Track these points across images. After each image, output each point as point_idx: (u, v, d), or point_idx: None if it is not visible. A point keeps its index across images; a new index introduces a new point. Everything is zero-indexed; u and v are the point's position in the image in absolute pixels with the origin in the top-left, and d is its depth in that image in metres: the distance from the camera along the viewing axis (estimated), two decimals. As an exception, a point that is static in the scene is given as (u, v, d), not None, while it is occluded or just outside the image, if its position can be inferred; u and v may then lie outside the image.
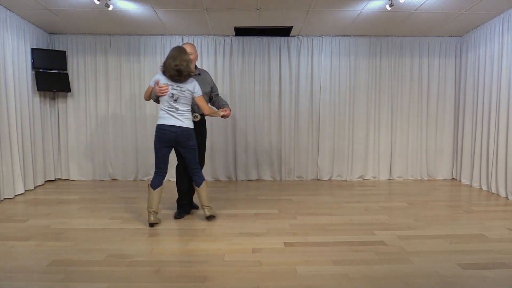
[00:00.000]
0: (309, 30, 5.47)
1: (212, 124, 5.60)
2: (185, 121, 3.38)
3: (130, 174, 5.79)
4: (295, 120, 5.81)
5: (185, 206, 3.81)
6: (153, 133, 5.67)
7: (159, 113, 3.41)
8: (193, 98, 3.42)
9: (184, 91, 3.34)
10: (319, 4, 4.35)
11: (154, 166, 5.71)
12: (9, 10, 4.50)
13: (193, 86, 3.38)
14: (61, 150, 5.74)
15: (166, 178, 5.68)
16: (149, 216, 3.40)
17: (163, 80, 3.33)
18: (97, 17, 4.78)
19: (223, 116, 3.65)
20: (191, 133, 3.41)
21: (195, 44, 5.67)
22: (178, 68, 3.24)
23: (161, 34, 5.64)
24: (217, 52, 5.66)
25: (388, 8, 4.30)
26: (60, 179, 5.78)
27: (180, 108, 3.36)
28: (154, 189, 3.41)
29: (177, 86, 3.33)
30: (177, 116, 3.36)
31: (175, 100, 3.33)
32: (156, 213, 3.42)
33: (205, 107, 3.49)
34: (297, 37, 5.72)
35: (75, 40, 5.60)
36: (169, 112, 3.36)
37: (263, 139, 5.80)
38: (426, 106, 5.83)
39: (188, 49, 3.54)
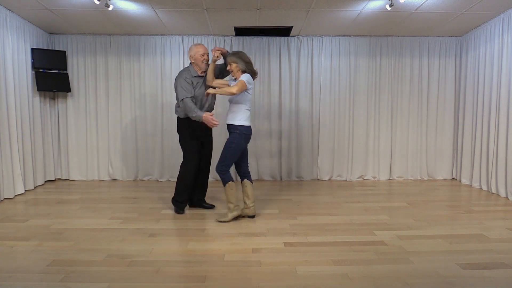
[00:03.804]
0: (309, 30, 5.47)
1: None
2: None
3: (130, 174, 5.79)
4: (295, 120, 5.81)
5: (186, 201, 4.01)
6: (153, 133, 5.71)
7: (245, 113, 3.48)
8: None
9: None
10: (319, 4, 4.35)
11: (153, 166, 5.76)
12: (9, 10, 4.50)
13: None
14: (61, 150, 5.74)
15: (166, 178, 5.73)
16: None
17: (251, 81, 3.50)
18: (97, 17, 4.78)
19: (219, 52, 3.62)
20: None
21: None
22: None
23: (161, 34, 5.64)
24: (217, 52, 5.66)
25: (388, 8, 4.30)
26: (60, 179, 5.78)
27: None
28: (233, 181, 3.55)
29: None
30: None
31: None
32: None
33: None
34: (297, 37, 5.72)
35: (75, 40, 5.60)
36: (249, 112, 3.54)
37: (263, 139, 5.80)
38: (426, 106, 5.83)
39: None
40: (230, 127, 3.47)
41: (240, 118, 3.43)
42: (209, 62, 3.66)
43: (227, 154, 3.45)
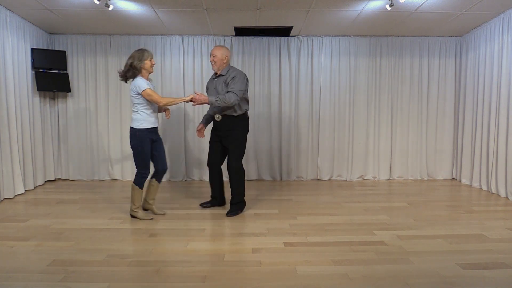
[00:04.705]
0: (309, 30, 5.47)
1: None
2: (132, 121, 3.53)
3: (130, 174, 5.79)
4: (295, 120, 5.81)
5: (216, 198, 4.10)
6: (153, 133, 5.71)
7: None
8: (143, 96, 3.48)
9: (130, 90, 3.49)
10: (319, 4, 4.35)
11: (153, 166, 5.73)
12: (9, 10, 4.50)
13: (133, 84, 3.45)
14: (61, 150, 5.74)
15: (165, 178, 5.73)
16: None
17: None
18: (97, 17, 4.78)
19: (194, 101, 3.54)
20: (131, 133, 3.51)
21: (195, 44, 5.67)
22: (121, 71, 3.52)
23: (161, 34, 5.64)
24: (217, 52, 5.65)
25: (388, 8, 4.30)
26: (60, 179, 5.78)
27: (132, 108, 3.55)
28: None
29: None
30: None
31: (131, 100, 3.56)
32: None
33: (157, 100, 3.45)
34: (297, 37, 5.72)
35: (75, 40, 5.60)
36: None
37: (263, 139, 5.80)
38: (426, 106, 5.83)
39: (214, 52, 3.70)
40: (157, 129, 3.65)
41: None
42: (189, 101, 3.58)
43: None
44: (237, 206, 3.82)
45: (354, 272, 2.45)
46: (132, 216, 3.67)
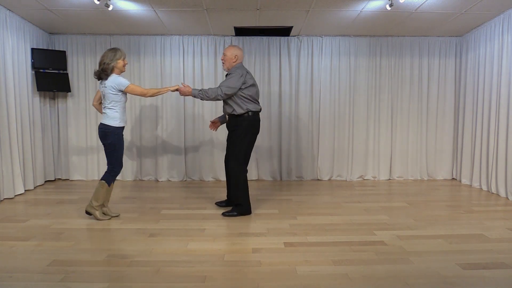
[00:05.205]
0: (309, 30, 5.47)
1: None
2: (104, 118, 3.47)
3: (130, 174, 5.79)
4: (295, 120, 5.81)
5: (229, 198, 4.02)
6: (153, 133, 5.71)
7: None
8: (124, 93, 3.48)
9: (106, 87, 3.43)
10: (319, 4, 4.35)
11: (153, 166, 5.77)
12: (9, 10, 4.50)
13: (113, 81, 3.40)
14: (61, 150, 5.74)
15: (165, 178, 5.73)
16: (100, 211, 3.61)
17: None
18: (97, 17, 4.78)
19: (179, 92, 3.61)
20: (104, 131, 3.45)
21: (195, 44, 5.67)
22: (96, 70, 3.48)
23: (161, 34, 5.64)
24: (217, 52, 5.66)
25: (388, 8, 4.30)
26: (60, 179, 5.78)
27: (105, 105, 3.48)
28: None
29: (102, 84, 3.46)
30: (104, 112, 3.50)
31: (104, 97, 3.49)
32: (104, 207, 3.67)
33: (143, 92, 3.49)
34: (297, 37, 5.72)
35: (75, 40, 5.60)
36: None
37: (263, 139, 5.80)
38: (426, 106, 5.83)
39: (225, 51, 3.76)
40: None
41: None
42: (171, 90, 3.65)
43: None
44: (235, 208, 3.77)
45: (354, 272, 2.45)
46: (87, 213, 3.58)
